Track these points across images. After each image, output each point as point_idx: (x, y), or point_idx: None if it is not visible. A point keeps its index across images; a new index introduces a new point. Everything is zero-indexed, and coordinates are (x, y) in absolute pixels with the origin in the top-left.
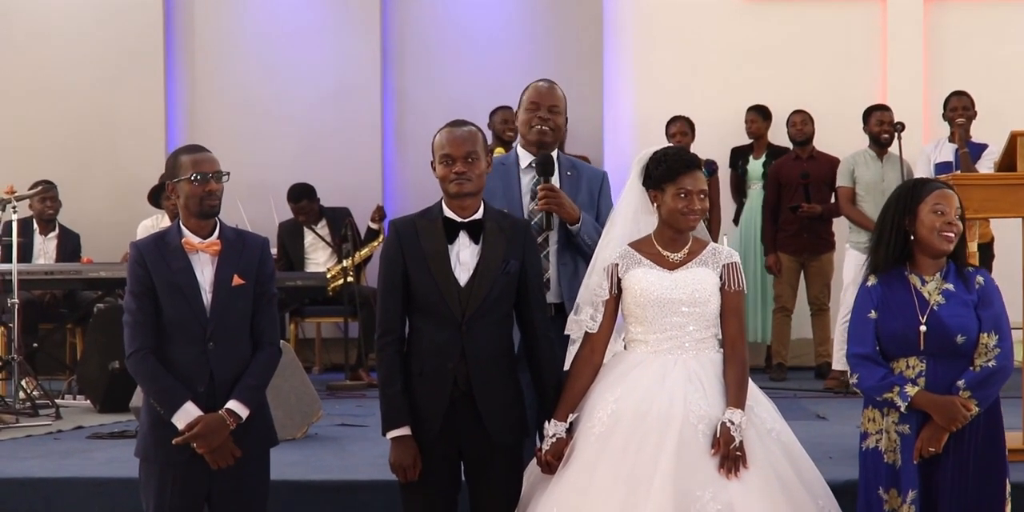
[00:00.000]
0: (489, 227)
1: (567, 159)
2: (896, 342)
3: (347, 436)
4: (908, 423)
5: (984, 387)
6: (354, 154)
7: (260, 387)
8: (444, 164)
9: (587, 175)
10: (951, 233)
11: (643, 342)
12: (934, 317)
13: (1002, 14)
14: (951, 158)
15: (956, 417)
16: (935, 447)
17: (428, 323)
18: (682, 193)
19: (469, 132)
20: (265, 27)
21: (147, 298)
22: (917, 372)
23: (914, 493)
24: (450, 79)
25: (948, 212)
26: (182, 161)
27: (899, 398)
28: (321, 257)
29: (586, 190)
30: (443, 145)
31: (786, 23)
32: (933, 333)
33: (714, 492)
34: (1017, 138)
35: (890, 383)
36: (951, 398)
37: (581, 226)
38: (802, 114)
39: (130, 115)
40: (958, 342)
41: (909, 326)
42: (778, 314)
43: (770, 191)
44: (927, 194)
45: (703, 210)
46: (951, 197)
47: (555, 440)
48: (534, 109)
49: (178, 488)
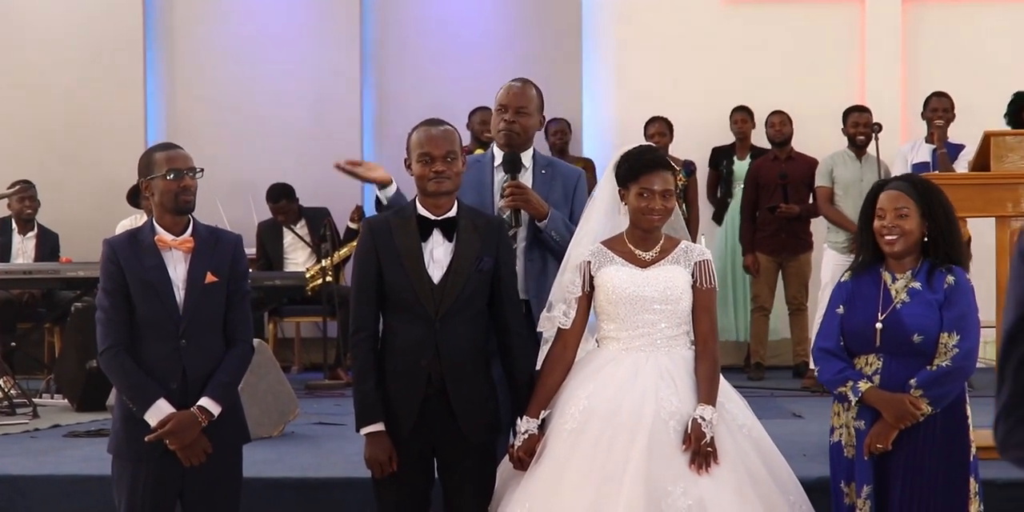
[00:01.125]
0: (463, 225)
1: (543, 157)
2: (856, 338)
3: (323, 434)
4: (863, 419)
5: (936, 386)
6: (333, 154)
7: (232, 384)
8: (423, 163)
9: (562, 173)
10: (888, 235)
11: (615, 339)
12: (894, 315)
13: (979, 15)
14: (928, 158)
15: (904, 415)
16: (883, 444)
17: (402, 321)
18: (644, 192)
19: (447, 131)
20: (245, 28)
21: (120, 295)
22: (874, 369)
23: (868, 488)
24: (429, 80)
25: (884, 214)
26: (156, 158)
27: (851, 393)
28: (300, 257)
29: (560, 188)
30: (422, 144)
31: (764, 25)
32: (889, 331)
33: (685, 487)
34: (991, 138)
35: (844, 377)
36: (900, 396)
37: (549, 222)
38: (781, 115)
39: (109, 115)
40: (915, 341)
41: (868, 323)
42: (756, 314)
43: (748, 191)
44: (877, 196)
45: (666, 210)
46: (893, 198)
47: (527, 436)
48: (501, 111)
49: (150, 484)
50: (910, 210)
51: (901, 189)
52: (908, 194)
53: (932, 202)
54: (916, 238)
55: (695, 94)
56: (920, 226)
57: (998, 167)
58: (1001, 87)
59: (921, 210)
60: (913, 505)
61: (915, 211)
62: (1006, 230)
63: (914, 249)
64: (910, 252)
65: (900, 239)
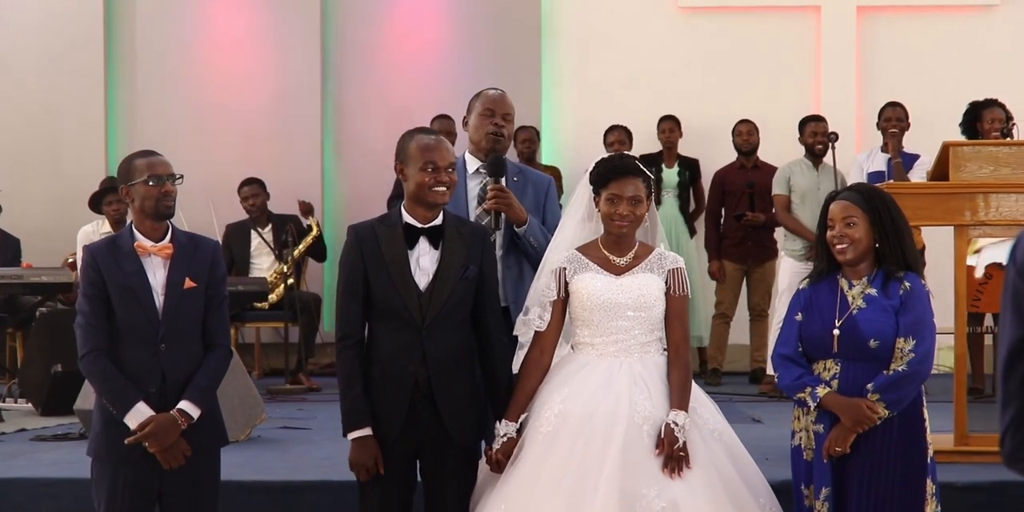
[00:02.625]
0: (449, 233)
1: (514, 165)
2: (814, 344)
3: (290, 438)
4: (822, 423)
5: (893, 390)
6: (294, 158)
7: (211, 388)
8: (426, 171)
9: (533, 181)
10: (839, 244)
11: (590, 345)
12: (850, 321)
13: (933, 25)
14: (883, 167)
15: (861, 419)
16: (841, 447)
17: (389, 327)
18: (613, 198)
19: (447, 142)
20: (206, 33)
21: (99, 300)
22: (832, 374)
23: (827, 490)
24: (390, 85)
25: (834, 224)
26: (137, 165)
27: (810, 398)
28: (265, 262)
29: (532, 195)
30: (427, 152)
31: (721, 34)
32: (846, 337)
33: (659, 490)
34: (949, 148)
35: (802, 383)
36: (857, 400)
37: (528, 228)
38: (748, 124)
39: (71, 120)
40: (871, 346)
41: (825, 329)
42: (717, 320)
43: (713, 199)
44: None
45: (635, 216)
46: (841, 208)
47: (505, 440)
48: (489, 115)
49: (129, 487)
50: (858, 219)
51: (849, 199)
52: (856, 203)
53: (880, 210)
54: (866, 246)
55: (653, 102)
56: (868, 234)
57: (956, 177)
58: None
59: (870, 218)
60: (871, 507)
61: (863, 220)
62: (964, 239)
63: (866, 256)
64: (862, 259)
65: (850, 247)
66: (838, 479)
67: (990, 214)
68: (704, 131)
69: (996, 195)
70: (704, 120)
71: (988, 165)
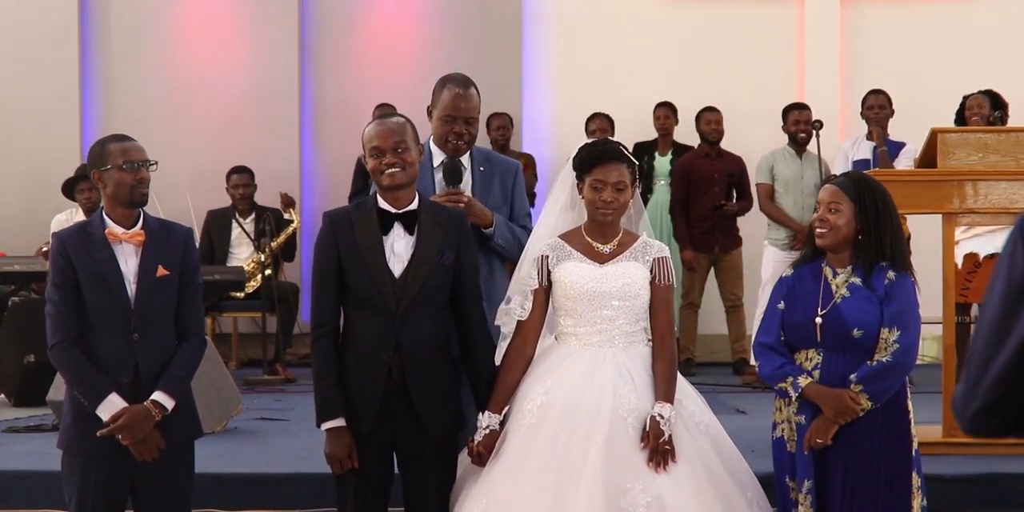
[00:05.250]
0: (424, 218)
1: (481, 153)
2: (796, 333)
3: (267, 430)
4: (804, 414)
5: (876, 381)
6: (272, 148)
7: (186, 378)
8: (374, 157)
9: (500, 169)
10: (819, 228)
11: (573, 335)
12: (834, 310)
13: (917, 13)
14: (869, 155)
15: (843, 410)
16: (823, 438)
17: (363, 315)
18: (596, 185)
19: (397, 123)
20: (182, 20)
21: (70, 289)
22: (814, 364)
23: (809, 483)
24: (368, 72)
25: (819, 208)
26: (111, 149)
27: (791, 388)
28: (244, 252)
29: (499, 184)
30: (372, 138)
31: (704, 21)
32: (830, 326)
33: (644, 485)
34: (938, 135)
35: (784, 373)
36: (840, 391)
37: (495, 230)
38: (716, 113)
39: (44, 108)
40: (855, 336)
41: (808, 317)
42: (685, 310)
43: (678, 188)
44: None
45: (620, 202)
46: (828, 192)
47: (488, 432)
48: (450, 121)
49: (102, 480)
50: (842, 206)
51: (839, 185)
52: (844, 190)
53: (866, 199)
54: (846, 234)
55: (635, 89)
56: (851, 222)
57: (945, 164)
58: (940, 85)
59: (855, 207)
60: (855, 500)
61: (848, 207)
62: (952, 227)
63: (846, 245)
64: (842, 247)
65: (829, 233)
66: (820, 471)
67: (979, 202)
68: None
69: (985, 182)
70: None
71: (977, 152)
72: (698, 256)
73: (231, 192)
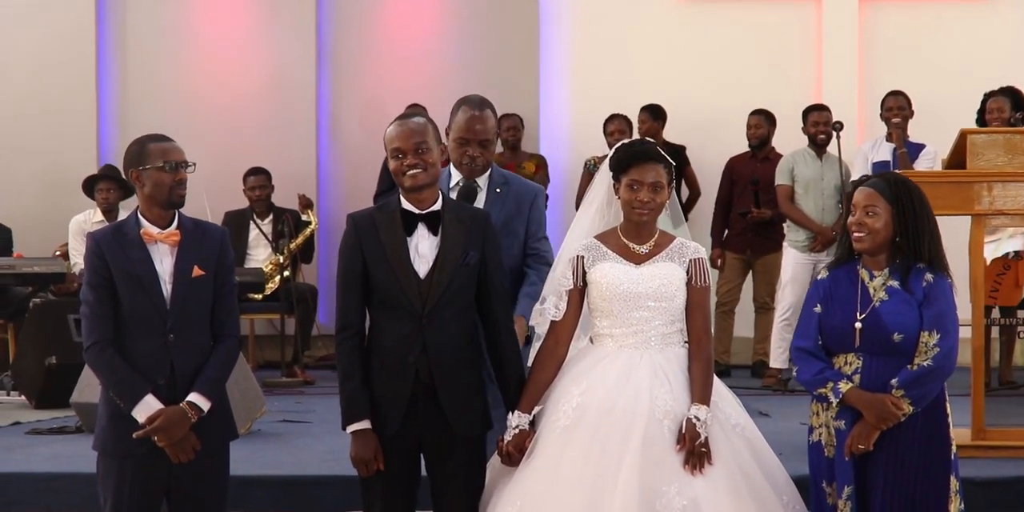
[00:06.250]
0: (448, 219)
1: (500, 174)
2: (835, 337)
3: (291, 432)
4: (843, 419)
5: (918, 386)
6: (289, 149)
7: (221, 379)
8: (395, 158)
9: (516, 191)
10: (856, 232)
11: (609, 336)
12: (873, 314)
13: (936, 14)
14: (888, 157)
15: (886, 416)
16: (865, 444)
17: (389, 316)
18: (633, 185)
19: (418, 124)
20: (198, 21)
21: (105, 289)
22: (854, 368)
23: (849, 488)
24: (386, 75)
25: (855, 211)
26: (151, 149)
27: (832, 394)
28: (262, 254)
29: (514, 206)
30: (393, 139)
31: (721, 23)
32: (869, 330)
33: (680, 488)
34: (967, 136)
35: (824, 378)
36: (882, 396)
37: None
38: (757, 116)
39: (61, 109)
40: (895, 340)
41: (847, 321)
42: (720, 311)
43: (724, 188)
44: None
45: (656, 202)
46: (864, 195)
47: (518, 431)
48: (464, 144)
49: (138, 482)
50: (880, 209)
51: (875, 187)
52: (881, 192)
53: (904, 201)
54: (884, 237)
55: (652, 92)
56: (889, 225)
57: (974, 165)
58: (959, 86)
59: (893, 209)
60: (895, 505)
61: (885, 210)
62: (981, 227)
63: (884, 247)
64: (880, 250)
65: (867, 237)
66: (861, 477)
67: (1008, 203)
68: (706, 121)
69: (1015, 184)
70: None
71: (1006, 153)
72: (733, 258)
73: (248, 194)
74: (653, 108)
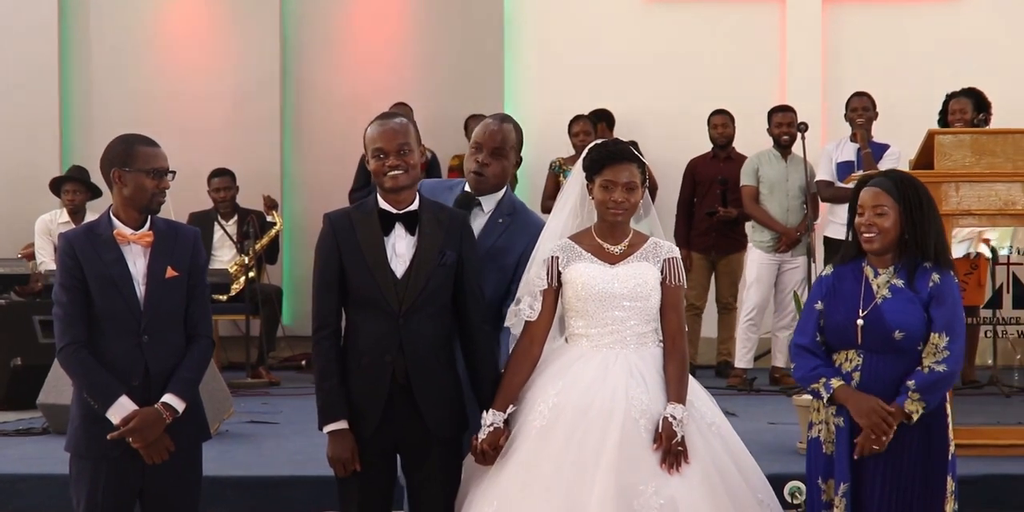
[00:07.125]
0: (425, 218)
1: (510, 204)
2: (836, 334)
3: (259, 433)
4: (842, 416)
5: (935, 391)
6: (253, 149)
7: (195, 380)
8: (376, 158)
9: (522, 224)
10: (866, 233)
11: (584, 336)
12: (875, 311)
13: (899, 16)
14: (853, 157)
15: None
16: (879, 446)
17: (365, 316)
18: (607, 185)
19: (400, 124)
20: (163, 20)
21: (78, 290)
22: (854, 365)
23: (845, 486)
24: (350, 73)
25: (863, 212)
26: (139, 152)
27: (823, 390)
28: (226, 255)
29: (512, 240)
30: (375, 139)
31: (686, 25)
32: (871, 327)
33: (657, 486)
34: (935, 136)
35: (817, 374)
36: (872, 403)
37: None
38: (723, 116)
39: (25, 109)
40: (896, 338)
41: (849, 318)
42: (687, 312)
43: (685, 188)
44: (858, 194)
45: (630, 203)
46: (872, 195)
47: (492, 429)
48: (475, 150)
49: (112, 483)
50: (888, 208)
51: (882, 187)
52: (888, 192)
53: (911, 199)
54: (894, 236)
55: (616, 93)
56: (897, 224)
57: (941, 165)
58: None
59: (900, 208)
60: (892, 504)
61: (893, 209)
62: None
63: (893, 246)
64: (889, 249)
65: (878, 237)
66: (857, 474)
67: (976, 203)
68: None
69: (983, 184)
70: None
71: (974, 154)
72: (698, 258)
73: (212, 195)
74: (596, 114)
